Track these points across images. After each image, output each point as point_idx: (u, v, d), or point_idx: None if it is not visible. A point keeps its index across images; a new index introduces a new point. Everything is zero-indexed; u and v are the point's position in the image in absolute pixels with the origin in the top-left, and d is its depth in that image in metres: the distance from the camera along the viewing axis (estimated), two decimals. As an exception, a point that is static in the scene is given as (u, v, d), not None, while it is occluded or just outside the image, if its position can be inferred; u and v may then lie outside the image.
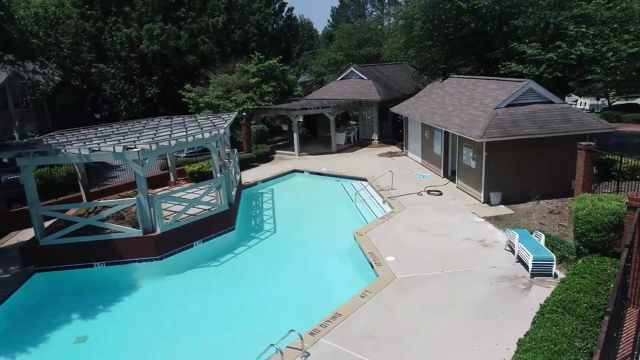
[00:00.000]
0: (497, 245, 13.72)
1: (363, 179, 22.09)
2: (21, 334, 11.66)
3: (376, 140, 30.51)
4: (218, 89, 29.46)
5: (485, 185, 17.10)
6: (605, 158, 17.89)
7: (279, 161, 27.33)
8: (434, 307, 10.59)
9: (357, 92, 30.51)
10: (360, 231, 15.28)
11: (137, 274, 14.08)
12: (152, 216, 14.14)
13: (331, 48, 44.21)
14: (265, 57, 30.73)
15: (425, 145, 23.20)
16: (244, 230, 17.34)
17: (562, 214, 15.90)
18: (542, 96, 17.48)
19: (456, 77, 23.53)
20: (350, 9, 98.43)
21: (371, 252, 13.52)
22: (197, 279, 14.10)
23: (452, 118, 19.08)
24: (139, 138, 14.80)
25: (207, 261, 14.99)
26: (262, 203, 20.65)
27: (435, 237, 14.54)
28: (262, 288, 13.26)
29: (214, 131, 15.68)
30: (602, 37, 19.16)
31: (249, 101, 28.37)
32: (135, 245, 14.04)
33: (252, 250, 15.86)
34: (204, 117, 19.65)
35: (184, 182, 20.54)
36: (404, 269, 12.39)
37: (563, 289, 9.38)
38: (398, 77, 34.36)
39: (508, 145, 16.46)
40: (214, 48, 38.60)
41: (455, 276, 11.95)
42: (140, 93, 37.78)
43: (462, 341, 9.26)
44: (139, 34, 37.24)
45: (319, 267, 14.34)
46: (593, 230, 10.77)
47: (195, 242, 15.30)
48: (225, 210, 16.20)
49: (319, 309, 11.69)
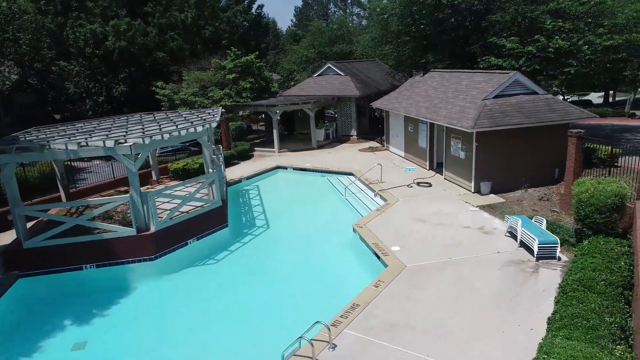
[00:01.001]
0: (496, 232, 13.94)
1: (349, 173, 22.02)
2: (12, 345, 10.79)
3: (355, 136, 30.55)
4: (193, 85, 28.63)
5: (475, 175, 17.39)
6: (586, 147, 18.58)
7: (259, 158, 26.85)
8: (449, 293, 10.60)
9: (335, 88, 30.46)
10: (360, 223, 15.17)
11: (131, 275, 13.39)
12: (146, 214, 13.48)
13: (303, 45, 43.97)
14: (242, 54, 30.13)
15: (408, 139, 23.39)
16: (237, 227, 16.87)
17: (552, 200, 16.39)
18: (527, 87, 17.97)
19: (438, 71, 23.88)
20: (314, 9, 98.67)
21: (375, 243, 13.43)
22: (194, 278, 13.53)
23: (439, 110, 19.30)
24: (127, 133, 14.06)
25: (203, 259, 14.44)
26: (250, 200, 20.18)
27: (435, 226, 14.62)
28: (264, 284, 12.88)
29: (206, 124, 15.15)
30: (577, 31, 19.92)
31: (227, 98, 27.75)
32: (129, 245, 13.34)
33: (248, 246, 15.43)
34: (188, 113, 18.98)
35: (167, 181, 19.77)
36: (412, 258, 12.37)
37: (578, 269, 9.60)
38: (373, 73, 34.58)
39: (497, 135, 16.80)
40: (184, 45, 37.58)
41: (464, 263, 12.03)
42: (106, 91, 36.22)
43: (485, 325, 9.29)
44: (104, 30, 35.71)
45: (320, 260, 14.13)
46: (597, 212, 11.10)
47: (189, 240, 14.73)
48: (219, 207, 15.70)
49: (328, 301, 11.54)
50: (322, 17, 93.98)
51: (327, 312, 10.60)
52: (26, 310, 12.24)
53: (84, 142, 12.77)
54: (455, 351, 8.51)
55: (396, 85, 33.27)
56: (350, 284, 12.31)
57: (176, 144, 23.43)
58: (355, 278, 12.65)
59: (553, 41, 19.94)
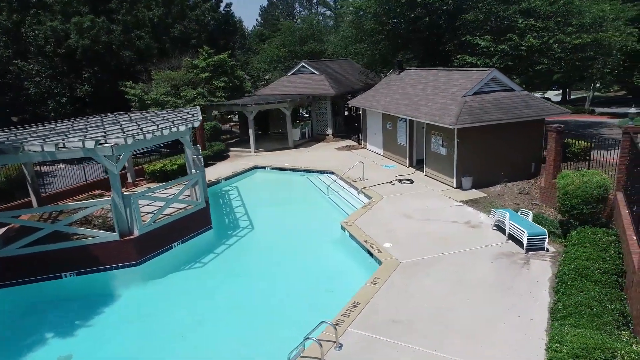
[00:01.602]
0: (483, 225, 14.18)
1: (330, 172, 21.93)
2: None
3: (331, 135, 30.51)
4: (164, 85, 27.80)
5: (457, 171, 17.66)
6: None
7: (235, 159, 26.37)
8: (447, 287, 10.67)
9: (309, 86, 30.30)
10: (348, 221, 15.09)
11: (114, 282, 12.79)
12: (129, 217, 12.91)
13: (273, 44, 43.59)
14: (214, 52, 29.50)
15: (387, 137, 23.53)
16: (221, 229, 16.44)
17: (531, 194, 16.84)
18: (504, 84, 18.41)
19: (414, 69, 24.15)
20: (279, 9, 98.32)
21: (366, 241, 13.38)
22: (181, 283, 13.04)
23: (420, 107, 19.50)
24: (106, 133, 13.43)
25: (189, 263, 13.97)
26: (231, 201, 19.74)
27: (423, 222, 14.73)
28: (255, 287, 12.55)
29: (189, 124, 14.68)
30: (547, 30, 20.58)
31: (200, 97, 27.09)
32: (111, 251, 12.74)
33: (234, 249, 15.03)
34: (165, 112, 18.37)
35: (144, 183, 19.07)
36: (405, 254, 12.39)
37: (572, 259, 9.86)
38: (346, 72, 34.66)
39: (477, 131, 17.12)
40: (152, 44, 36.47)
41: (456, 257, 12.15)
42: (70, 92, 34.68)
43: (486, 318, 9.38)
44: (65, 28, 34.18)
45: (310, 260, 13.94)
46: (583, 203, 11.45)
47: (174, 244, 14.24)
48: (203, 208, 15.26)
49: (323, 300, 11.43)
50: (288, 17, 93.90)
51: (324, 311, 10.44)
52: (3, 323, 11.47)
53: (61, 143, 12.09)
54: (461, 344, 8.55)
55: (369, 84, 33.49)
56: (345, 282, 12.23)
57: (149, 146, 22.63)
58: (349, 276, 12.57)
59: (525, 39, 20.51)
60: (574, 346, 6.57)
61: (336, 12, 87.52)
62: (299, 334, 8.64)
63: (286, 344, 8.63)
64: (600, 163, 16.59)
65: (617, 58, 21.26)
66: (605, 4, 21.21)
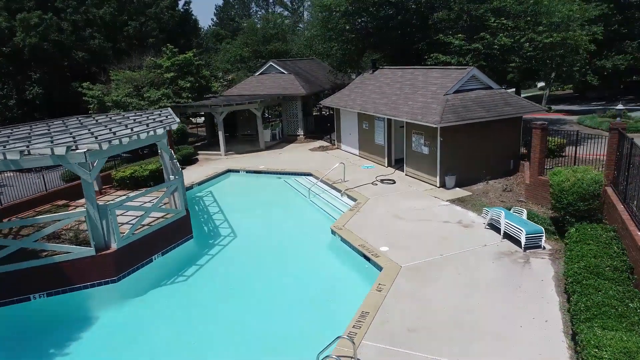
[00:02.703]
0: (475, 225, 14.05)
1: (308, 173, 21.33)
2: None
3: (302, 136, 29.87)
4: (125, 86, 26.19)
5: (440, 170, 17.53)
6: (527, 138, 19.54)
7: (205, 162, 25.23)
8: (455, 291, 10.35)
9: (279, 86, 29.55)
10: (338, 225, 14.55)
11: (90, 302, 11.65)
12: (105, 230, 11.78)
13: (236, 44, 42.41)
14: (178, 51, 28.13)
15: (363, 137, 23.20)
16: (202, 238, 15.45)
17: (514, 191, 16.95)
18: (483, 82, 18.49)
19: (388, 68, 23.95)
20: (235, 8, 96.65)
21: (362, 245, 12.89)
22: (164, 300, 11.93)
23: (400, 107, 19.26)
24: (75, 138, 12.20)
25: (171, 277, 12.92)
26: (207, 207, 18.72)
27: (415, 223, 14.42)
28: (247, 301, 11.66)
29: (166, 127, 13.66)
30: (518, 29, 20.91)
31: (165, 98, 25.72)
32: (87, 267, 11.58)
33: (218, 259, 14.07)
34: (134, 115, 17.12)
35: (112, 191, 17.71)
36: (405, 257, 12.00)
37: (577, 257, 9.76)
38: (315, 71, 34.14)
39: (460, 130, 17.06)
40: (106, 43, 34.44)
41: (457, 258, 11.89)
42: (17, 94, 32.14)
43: (502, 321, 9.11)
44: (10, 24, 31.63)
45: (302, 267, 13.26)
46: (580, 200, 11.48)
47: (154, 256, 13.20)
48: (184, 217, 14.26)
49: (324, 310, 10.81)
50: (245, 17, 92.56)
51: (328, 324, 9.96)
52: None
53: (26, 150, 10.81)
54: (489, 348, 8.22)
55: (338, 84, 33.18)
56: (343, 290, 11.69)
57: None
58: (347, 283, 12.03)
59: (497, 38, 20.74)
60: (615, 351, 6.34)
61: (293, 12, 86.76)
62: (306, 353, 7.99)
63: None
64: (575, 159, 16.93)
65: (583, 57, 21.95)
66: (573, 4, 21.84)
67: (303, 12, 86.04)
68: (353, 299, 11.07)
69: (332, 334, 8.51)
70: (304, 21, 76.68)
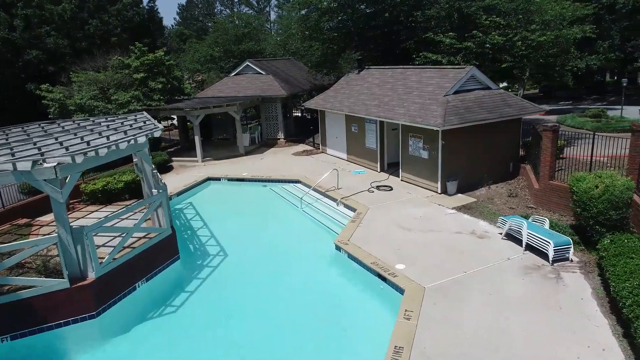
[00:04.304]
0: (489, 235, 13.08)
1: (296, 180, 19.94)
2: None
3: (282, 140, 28.39)
4: (90, 88, 23.94)
5: (442, 175, 16.55)
6: (525, 140, 18.90)
7: (181, 170, 23.36)
8: (492, 311, 9.28)
9: (257, 87, 27.97)
10: (342, 239, 13.24)
11: (65, 343, 9.87)
12: (81, 257, 10.02)
13: (206, 43, 40.38)
14: (147, 50, 26.06)
15: (352, 140, 22.00)
16: (188, 258, 13.77)
17: (520, 196, 16.17)
18: (482, 82, 17.67)
19: (375, 67, 22.85)
20: (199, 7, 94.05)
21: (374, 262, 11.64)
22: (150, 334, 10.31)
23: (395, 108, 18.16)
24: (41, 150, 10.36)
25: (158, 307, 11.18)
26: (190, 221, 16.98)
27: (425, 234, 13.31)
28: (249, 333, 10.16)
29: (148, 134, 11.97)
30: (511, 28, 20.27)
31: (135, 101, 23.66)
32: (59, 302, 9.79)
33: (209, 283, 12.38)
34: (105, 120, 15.21)
35: (81, 206, 15.71)
36: (426, 276, 10.83)
37: (626, 273, 8.86)
38: (293, 72, 32.72)
39: (462, 132, 16.15)
40: (63, 41, 31.77)
41: (482, 275, 10.83)
42: (-36, 97, 29.11)
43: (554, 350, 8.07)
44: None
45: (306, 290, 11.78)
46: (612, 208, 10.66)
47: (137, 283, 11.49)
48: (169, 235, 12.59)
49: (343, 342, 9.47)
50: (208, 16, 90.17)
51: (347, 358, 8.64)
52: None
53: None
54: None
55: (317, 85, 31.91)
56: (358, 316, 10.39)
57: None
58: (362, 307, 10.72)
59: (490, 36, 20.02)
60: None
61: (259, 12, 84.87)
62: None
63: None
64: (575, 161, 16.34)
65: (575, 55, 21.59)
66: (565, 1, 21.44)
67: (270, 12, 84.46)
68: (372, 326, 9.90)
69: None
70: (270, 21, 75.09)
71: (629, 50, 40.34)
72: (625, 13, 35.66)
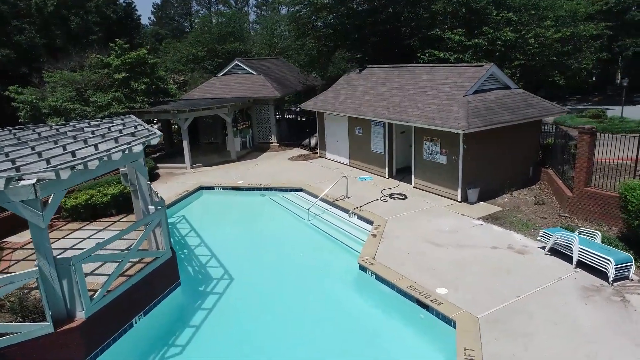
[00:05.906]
0: (529, 250, 11.78)
1: (298, 189, 18.34)
2: None
3: (275, 143, 26.70)
4: (66, 89, 21.77)
5: (462, 182, 15.24)
6: (547, 142, 17.86)
7: (169, 178, 21.43)
8: (566, 347, 7.89)
9: (248, 88, 26.22)
10: (366, 258, 11.70)
11: (49, 402, 7.99)
12: (67, 294, 8.19)
13: (188, 42, 38.32)
14: (129, 48, 24.01)
15: (355, 144, 20.52)
16: (189, 283, 11.98)
17: (547, 204, 14.99)
18: (501, 81, 16.48)
19: (379, 66, 21.40)
20: (175, 7, 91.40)
21: (411, 286, 10.15)
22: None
23: (408, 109, 16.76)
24: (15, 163, 8.48)
25: (160, 348, 9.35)
26: (184, 238, 15.16)
27: (457, 250, 11.92)
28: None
29: (144, 141, 10.18)
30: (523, 24, 19.20)
31: (116, 103, 21.61)
32: (42, 350, 7.93)
33: (216, 315, 10.53)
34: (88, 125, 13.27)
35: (62, 224, 13.71)
36: (474, 303, 9.41)
37: None
38: (283, 72, 31.06)
39: (484, 136, 14.87)
40: (37, 39, 29.32)
41: (537, 299, 9.47)
42: None
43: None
44: None
45: (333, 321, 10.09)
46: (681, 221, 9.48)
47: (135, 319, 9.69)
48: (169, 259, 10.82)
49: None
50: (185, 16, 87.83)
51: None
52: None
53: (-62, 185, 7.06)
54: None
55: (309, 86, 30.40)
56: (397, 351, 8.87)
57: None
58: (401, 342, 9.18)
59: (501, 33, 18.89)
60: None
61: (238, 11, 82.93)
62: None
63: None
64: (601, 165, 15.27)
65: (587, 53, 20.71)
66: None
67: (249, 11, 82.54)
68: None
69: None
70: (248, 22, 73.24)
71: (616, 50, 40.34)
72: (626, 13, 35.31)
